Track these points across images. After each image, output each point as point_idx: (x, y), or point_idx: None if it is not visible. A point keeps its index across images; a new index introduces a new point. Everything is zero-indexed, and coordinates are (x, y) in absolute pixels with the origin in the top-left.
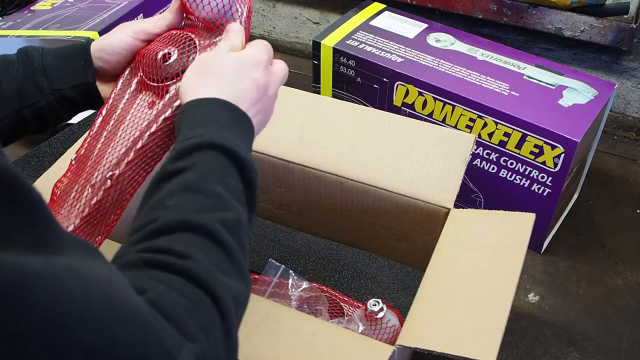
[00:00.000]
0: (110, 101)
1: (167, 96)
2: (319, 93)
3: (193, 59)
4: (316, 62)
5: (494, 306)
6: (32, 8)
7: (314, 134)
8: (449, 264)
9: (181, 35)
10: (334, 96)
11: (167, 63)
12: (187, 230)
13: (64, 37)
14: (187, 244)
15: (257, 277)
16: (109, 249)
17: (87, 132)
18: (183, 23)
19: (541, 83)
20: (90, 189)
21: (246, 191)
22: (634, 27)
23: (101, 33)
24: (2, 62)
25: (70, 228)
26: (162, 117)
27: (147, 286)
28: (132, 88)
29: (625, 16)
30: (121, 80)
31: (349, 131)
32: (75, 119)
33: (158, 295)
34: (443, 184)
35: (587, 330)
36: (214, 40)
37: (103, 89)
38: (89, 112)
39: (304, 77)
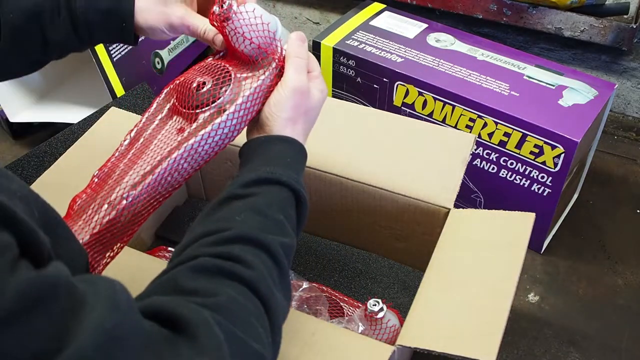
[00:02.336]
0: (141, 124)
1: (194, 124)
2: None
3: (225, 90)
4: None
5: (494, 306)
6: None
7: (314, 134)
8: (449, 264)
9: (218, 65)
10: (334, 96)
11: (200, 92)
12: (254, 246)
13: None
14: (253, 256)
15: None
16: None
17: (114, 151)
18: (223, 53)
19: (541, 83)
20: (106, 207)
21: (298, 223)
22: (634, 27)
23: None
24: (49, 12)
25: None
26: (185, 145)
27: (220, 292)
28: (163, 114)
29: (625, 16)
30: (154, 105)
31: (348, 131)
32: (75, 119)
33: (229, 301)
34: (443, 184)
35: (587, 330)
36: (251, 74)
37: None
38: (89, 112)
39: None
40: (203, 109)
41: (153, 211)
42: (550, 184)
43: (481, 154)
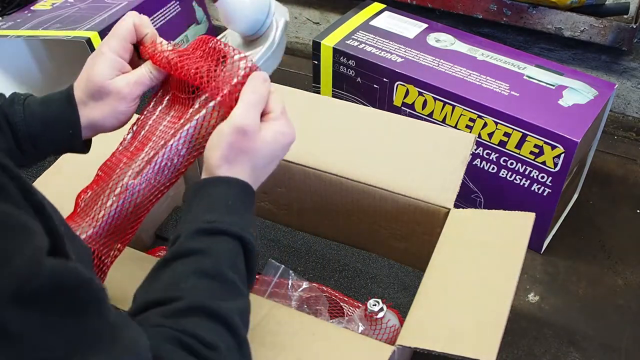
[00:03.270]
0: (142, 117)
1: (191, 110)
2: (319, 93)
3: (222, 70)
4: (316, 62)
5: (494, 306)
6: (32, 8)
7: (314, 134)
8: (449, 264)
9: (214, 47)
10: (334, 96)
11: (197, 74)
12: (209, 318)
13: (64, 37)
14: (211, 333)
15: (257, 277)
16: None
17: (117, 146)
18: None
19: (541, 83)
20: (113, 198)
21: (248, 274)
22: (634, 27)
23: (101, 33)
24: None
25: (83, 236)
26: (181, 131)
27: None
28: (163, 105)
29: (625, 16)
30: (154, 99)
31: (349, 131)
32: None
33: None
34: (443, 184)
35: (587, 330)
36: (244, 55)
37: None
38: None
39: (304, 77)
40: (198, 93)
41: (156, 201)
42: (550, 184)
43: (481, 154)
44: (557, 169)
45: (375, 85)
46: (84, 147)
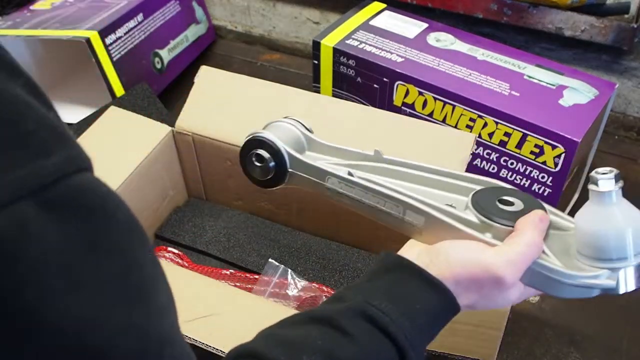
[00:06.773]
0: None
1: None
2: (319, 93)
3: None
4: (316, 62)
5: None
6: (31, 8)
7: (314, 134)
8: None
9: None
10: (334, 96)
11: None
12: None
13: (64, 37)
14: None
15: (256, 277)
16: None
17: None
18: None
19: (541, 83)
20: None
21: None
22: (635, 26)
23: (101, 33)
24: None
25: None
26: None
27: None
28: None
29: (626, 16)
30: None
31: (348, 131)
32: (74, 119)
33: None
34: None
35: (587, 331)
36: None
37: None
38: (88, 112)
39: (304, 77)
40: None
41: None
42: (550, 184)
43: (481, 153)
44: (557, 169)
45: (375, 85)
46: None
